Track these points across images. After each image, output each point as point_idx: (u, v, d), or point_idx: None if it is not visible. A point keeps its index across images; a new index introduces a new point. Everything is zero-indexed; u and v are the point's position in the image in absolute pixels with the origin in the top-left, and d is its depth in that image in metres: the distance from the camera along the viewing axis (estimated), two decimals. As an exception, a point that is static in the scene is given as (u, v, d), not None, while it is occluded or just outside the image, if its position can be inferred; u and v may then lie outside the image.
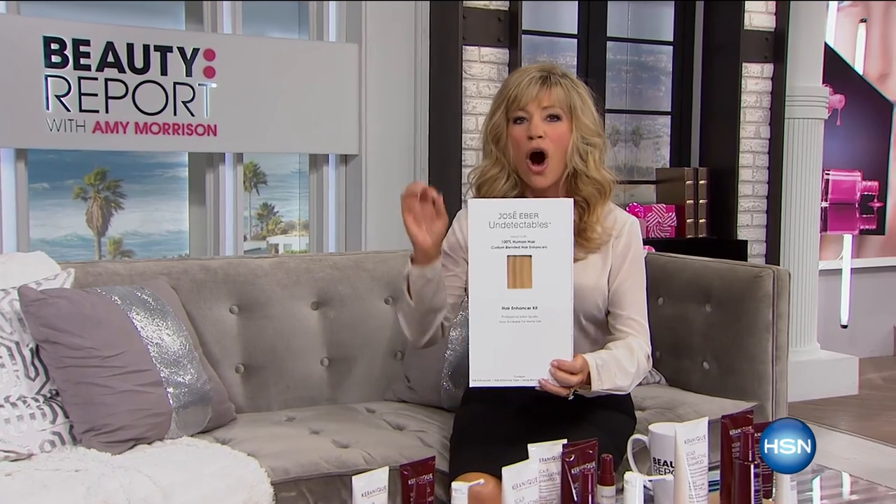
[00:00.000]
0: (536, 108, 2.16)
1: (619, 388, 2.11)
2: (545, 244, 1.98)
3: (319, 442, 2.33)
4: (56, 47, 3.66)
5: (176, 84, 3.89)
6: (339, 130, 4.25)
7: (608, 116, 4.97)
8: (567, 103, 2.18)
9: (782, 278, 2.70)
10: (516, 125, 2.19)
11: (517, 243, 1.98)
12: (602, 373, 2.05)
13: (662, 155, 5.20)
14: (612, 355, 2.11)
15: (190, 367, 2.29)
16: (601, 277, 2.24)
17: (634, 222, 2.30)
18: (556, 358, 1.98)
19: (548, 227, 1.97)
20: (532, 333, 1.98)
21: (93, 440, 2.11)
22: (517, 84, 2.19)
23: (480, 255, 1.98)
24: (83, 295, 2.24)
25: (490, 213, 1.98)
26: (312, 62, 4.17)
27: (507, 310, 1.98)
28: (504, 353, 1.98)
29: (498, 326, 1.98)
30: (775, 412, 2.74)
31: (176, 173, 4.35)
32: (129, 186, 4.25)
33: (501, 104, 2.22)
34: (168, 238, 4.39)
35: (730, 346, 2.76)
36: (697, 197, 4.85)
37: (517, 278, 1.98)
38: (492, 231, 1.98)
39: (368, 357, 2.82)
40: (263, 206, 4.58)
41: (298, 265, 2.80)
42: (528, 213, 1.98)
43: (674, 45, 5.10)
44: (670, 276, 2.95)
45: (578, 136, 2.19)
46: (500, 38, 4.32)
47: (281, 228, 4.64)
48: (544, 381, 1.99)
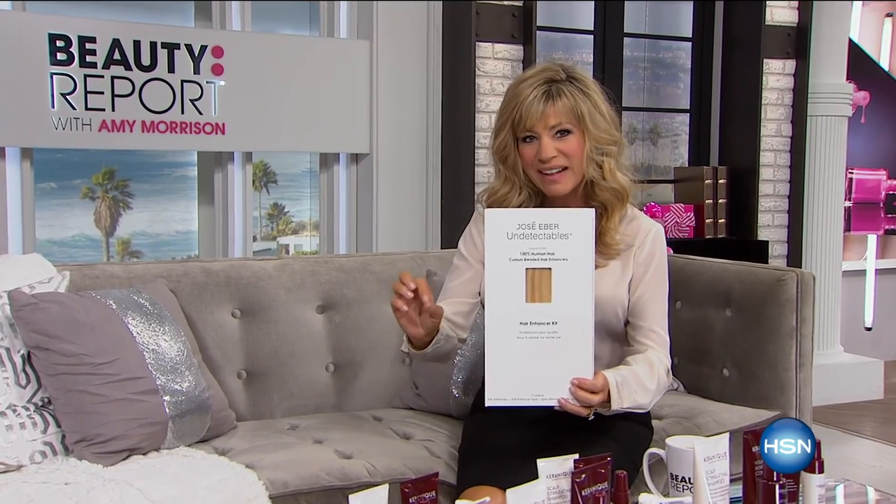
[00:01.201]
0: (543, 127, 2.06)
1: (639, 406, 2.01)
2: (566, 256, 1.88)
3: (322, 452, 2.24)
4: (61, 45, 3.59)
5: (183, 82, 3.82)
6: (349, 129, 4.17)
7: (625, 115, 4.86)
8: (575, 114, 2.07)
9: (806, 282, 2.59)
10: (525, 144, 2.09)
11: (536, 255, 1.88)
12: (622, 391, 1.96)
13: (681, 154, 5.09)
14: (632, 372, 2.02)
15: (188, 374, 2.21)
16: (620, 286, 2.15)
17: (659, 231, 2.21)
18: (577, 376, 1.88)
19: (568, 239, 1.88)
20: (551, 350, 1.88)
21: (85, 451, 2.03)
22: (521, 101, 2.06)
23: (498, 267, 1.88)
24: (76, 299, 2.16)
25: (508, 223, 1.89)
26: (322, 59, 4.08)
27: (526, 325, 1.88)
28: (522, 371, 1.88)
29: (515, 343, 1.88)
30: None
31: (185, 173, 4.28)
32: (138, 186, 4.19)
33: (506, 123, 2.11)
34: (177, 238, 4.32)
35: (751, 353, 2.66)
36: (717, 196, 4.74)
37: (536, 292, 1.88)
38: (509, 242, 1.88)
39: (375, 363, 2.73)
40: (274, 205, 4.51)
41: (303, 267, 2.71)
42: (547, 224, 1.88)
43: (693, 41, 4.99)
44: (688, 278, 2.85)
45: (591, 147, 2.09)
46: (514, 34, 4.23)
47: (291, 229, 4.57)
48: (564, 401, 1.89)
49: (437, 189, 4.26)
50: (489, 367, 1.89)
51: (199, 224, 4.28)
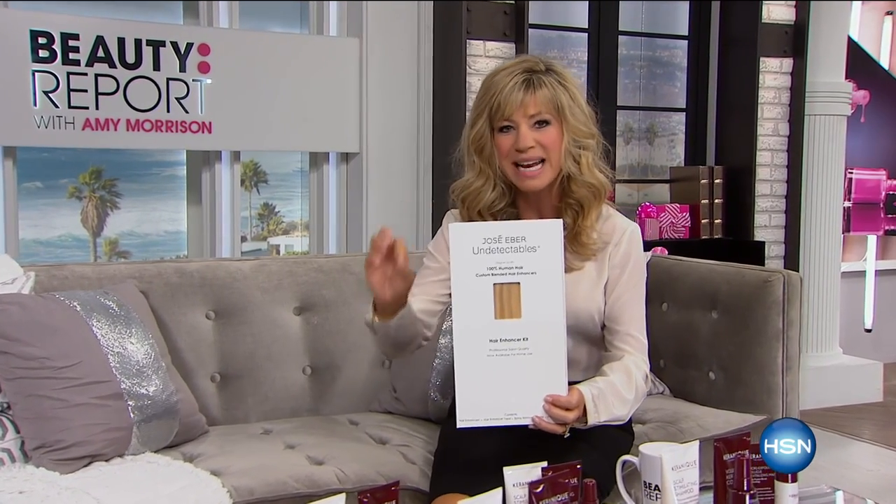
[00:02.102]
0: (522, 116, 1.99)
1: (617, 418, 1.95)
2: (534, 270, 1.81)
3: (293, 458, 2.18)
4: (44, 41, 3.55)
5: (169, 80, 3.77)
6: (338, 128, 4.12)
7: (621, 114, 4.81)
8: (554, 105, 2.01)
9: (793, 283, 2.53)
10: (502, 134, 2.03)
11: (504, 270, 1.81)
12: (599, 404, 1.90)
13: (678, 153, 5.03)
14: (608, 383, 1.96)
15: (154, 378, 2.15)
16: (596, 290, 2.09)
17: (635, 230, 2.15)
18: (550, 393, 1.82)
19: (536, 251, 1.81)
20: (523, 367, 1.81)
21: (43, 458, 1.97)
22: (499, 90, 2.00)
23: (464, 283, 1.81)
24: (39, 301, 2.11)
25: (473, 237, 1.82)
26: (311, 57, 4.03)
27: (496, 342, 1.82)
28: (493, 390, 1.82)
29: (486, 361, 1.81)
30: (786, 426, 2.57)
31: (174, 172, 4.23)
32: (126, 185, 4.14)
33: (483, 112, 2.04)
34: (166, 238, 4.27)
35: (737, 356, 2.60)
36: (713, 196, 4.68)
37: (505, 308, 1.82)
38: (475, 257, 1.81)
39: (354, 365, 2.67)
40: (264, 205, 4.45)
41: (281, 268, 2.66)
42: (514, 237, 1.82)
43: (689, 40, 4.92)
44: (675, 280, 2.79)
45: (570, 139, 2.03)
46: (505, 32, 4.18)
47: (282, 229, 4.51)
48: (538, 419, 1.83)
49: (429, 189, 4.21)
50: (459, 387, 1.83)
51: (188, 224, 4.23)
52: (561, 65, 2.10)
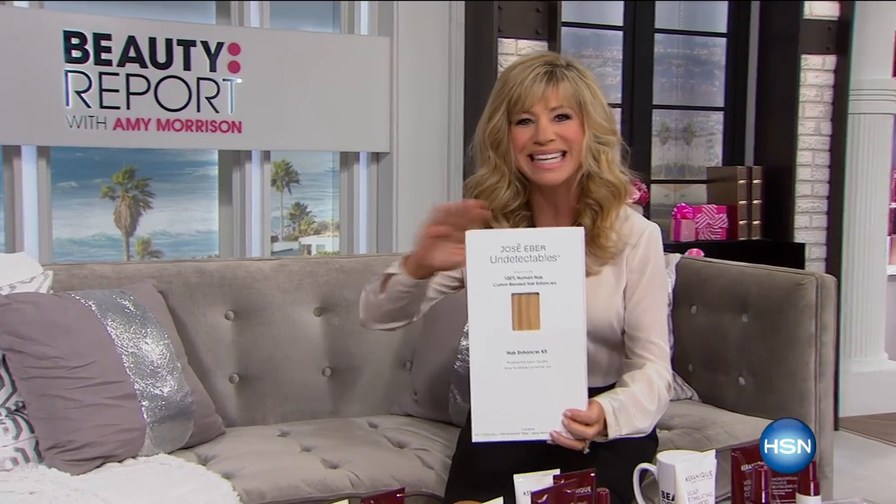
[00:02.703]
0: (543, 109, 1.93)
1: (638, 430, 1.90)
2: (554, 280, 1.75)
3: (307, 461, 2.15)
4: (76, 42, 3.56)
5: (199, 79, 3.77)
6: (369, 127, 4.09)
7: (658, 113, 4.73)
8: (576, 99, 1.95)
9: (827, 286, 2.45)
10: (520, 126, 1.95)
11: (522, 279, 1.76)
12: (620, 417, 1.84)
13: (716, 153, 4.94)
14: (629, 394, 1.90)
15: (169, 379, 2.13)
16: (615, 296, 2.03)
17: (654, 231, 2.07)
18: (570, 407, 1.77)
19: (556, 261, 1.75)
20: (541, 380, 1.76)
21: (56, 458, 1.96)
22: (519, 82, 1.94)
23: (481, 293, 1.76)
24: (54, 300, 2.10)
25: (490, 245, 1.76)
26: (341, 56, 4.01)
27: (513, 354, 1.76)
28: (510, 404, 1.77)
29: (503, 374, 1.76)
30: (819, 435, 2.48)
31: (206, 172, 4.23)
32: (158, 185, 4.15)
33: (501, 105, 1.96)
34: (198, 238, 4.27)
35: (768, 361, 2.51)
36: (751, 197, 4.57)
37: (523, 319, 1.76)
38: (493, 266, 1.75)
39: (374, 367, 2.64)
40: (296, 205, 4.44)
41: (302, 268, 2.63)
42: (533, 246, 1.76)
43: (727, 37, 4.82)
44: (704, 282, 2.71)
45: (591, 135, 1.97)
46: (538, 30, 4.12)
47: (314, 229, 4.49)
48: (557, 434, 1.78)
49: (459, 189, 4.16)
50: (475, 400, 1.77)
51: (219, 224, 4.23)
52: (580, 63, 2.04)
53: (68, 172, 3.94)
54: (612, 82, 4.64)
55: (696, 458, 1.54)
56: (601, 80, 4.62)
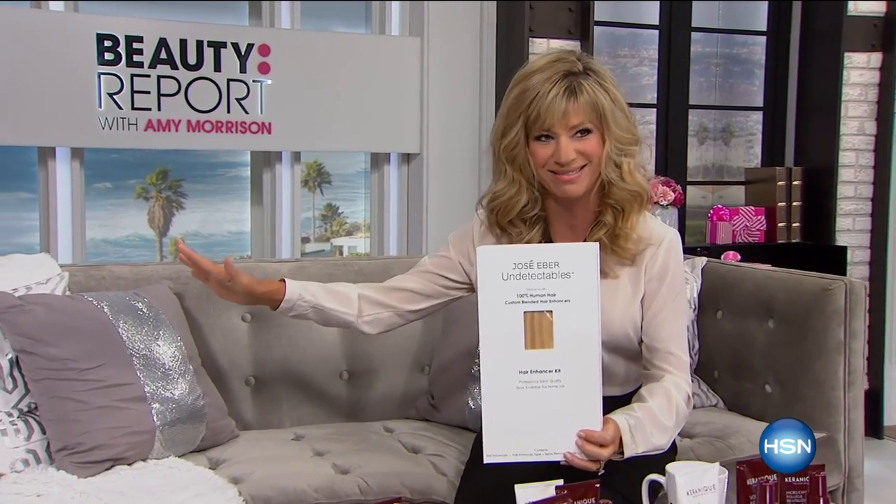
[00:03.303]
0: (564, 128, 1.87)
1: (656, 448, 1.84)
2: (568, 297, 1.71)
3: (318, 466, 2.13)
4: (109, 44, 3.59)
5: (230, 81, 3.78)
6: (399, 128, 4.07)
7: (696, 113, 4.64)
8: (596, 111, 1.88)
9: (856, 291, 2.37)
10: (539, 142, 1.89)
11: (535, 297, 1.71)
12: (636, 435, 1.79)
13: (756, 154, 4.84)
14: (647, 410, 1.84)
15: (181, 381, 2.13)
16: (632, 305, 1.97)
17: (673, 239, 2.01)
18: (584, 428, 1.72)
19: (570, 278, 1.71)
20: (555, 401, 1.72)
21: (65, 460, 1.96)
22: (538, 97, 1.85)
23: (493, 311, 1.72)
24: (66, 302, 2.10)
25: (503, 262, 1.72)
26: (372, 57, 3.99)
27: (526, 374, 1.72)
28: (523, 424, 1.73)
29: (515, 393, 1.72)
30: (848, 446, 2.41)
31: (238, 173, 4.24)
32: (191, 186, 4.17)
33: (518, 120, 1.89)
34: (230, 239, 4.29)
35: (795, 369, 2.44)
36: (790, 199, 4.47)
37: (536, 337, 1.72)
38: (505, 283, 1.71)
39: (392, 371, 2.61)
40: (328, 206, 4.43)
41: (320, 270, 2.61)
42: (546, 262, 1.71)
43: (767, 35, 4.72)
44: (730, 286, 2.64)
45: (612, 147, 1.91)
46: (570, 29, 4.06)
47: (346, 230, 4.49)
48: (570, 456, 1.73)
49: (490, 190, 4.12)
50: (486, 420, 1.73)
51: (251, 225, 4.24)
52: (597, 62, 1.98)
53: (103, 173, 3.97)
54: (648, 82, 4.57)
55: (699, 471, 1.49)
56: (637, 79, 4.57)
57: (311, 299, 2.05)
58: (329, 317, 2.08)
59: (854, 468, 2.42)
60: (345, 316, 2.08)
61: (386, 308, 2.10)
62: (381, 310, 2.10)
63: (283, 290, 2.03)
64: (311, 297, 2.05)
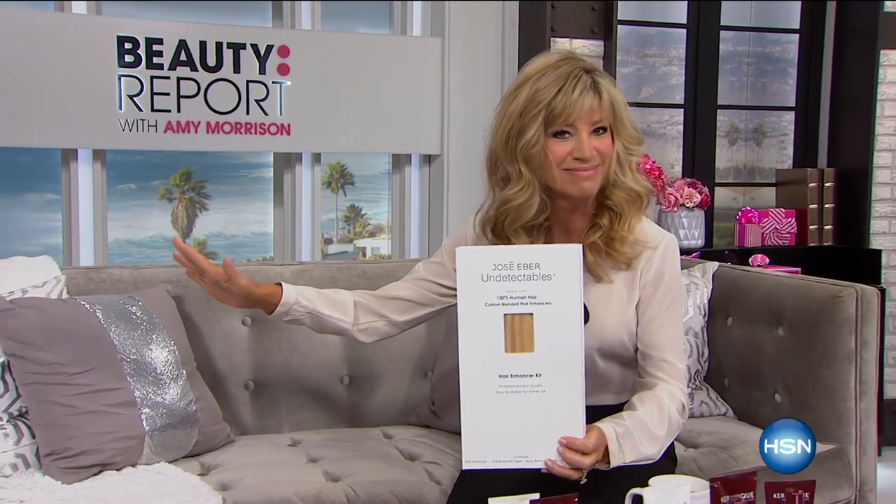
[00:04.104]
0: (586, 123, 1.83)
1: (645, 458, 1.79)
2: (549, 300, 1.67)
3: (309, 473, 2.11)
4: (129, 47, 3.61)
5: (249, 82, 3.79)
6: (420, 129, 4.04)
7: (726, 113, 4.56)
8: (613, 110, 1.86)
9: (868, 299, 2.29)
10: (556, 139, 1.84)
11: (516, 299, 1.68)
12: (624, 444, 1.74)
13: (789, 154, 4.72)
14: (636, 419, 1.80)
15: (173, 386, 2.12)
16: (626, 311, 1.93)
17: (669, 244, 1.95)
18: (565, 434, 1.68)
19: (551, 280, 1.67)
20: (535, 406, 1.68)
21: (52, 465, 1.95)
22: (562, 92, 1.80)
23: (472, 313, 1.68)
24: (58, 305, 2.10)
25: (482, 263, 1.68)
26: (392, 58, 3.97)
27: (506, 378, 1.68)
28: (503, 430, 1.69)
29: (495, 398, 1.68)
30: (860, 458, 2.33)
31: (261, 174, 4.25)
32: (214, 187, 4.18)
33: (537, 117, 1.82)
34: (253, 240, 4.29)
35: (804, 378, 2.37)
36: (822, 201, 4.36)
37: (516, 341, 1.68)
38: (485, 285, 1.68)
39: (394, 376, 2.58)
40: (351, 207, 4.42)
41: (323, 273, 2.59)
42: (527, 264, 1.68)
43: (800, 33, 4.61)
44: (741, 292, 2.57)
45: (621, 146, 1.89)
46: (593, 29, 4.01)
47: (369, 231, 4.47)
48: (551, 463, 1.69)
49: (511, 192, 4.07)
50: (465, 425, 1.70)
51: (274, 226, 4.25)
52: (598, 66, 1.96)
53: (127, 175, 4.00)
54: (677, 82, 4.49)
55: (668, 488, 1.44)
56: (665, 79, 4.49)
57: (308, 304, 2.03)
58: (325, 323, 2.06)
59: (866, 482, 2.34)
60: (340, 323, 2.06)
61: (380, 317, 2.08)
62: (376, 318, 2.08)
63: (279, 293, 2.02)
64: (307, 302, 2.03)
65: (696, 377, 2.58)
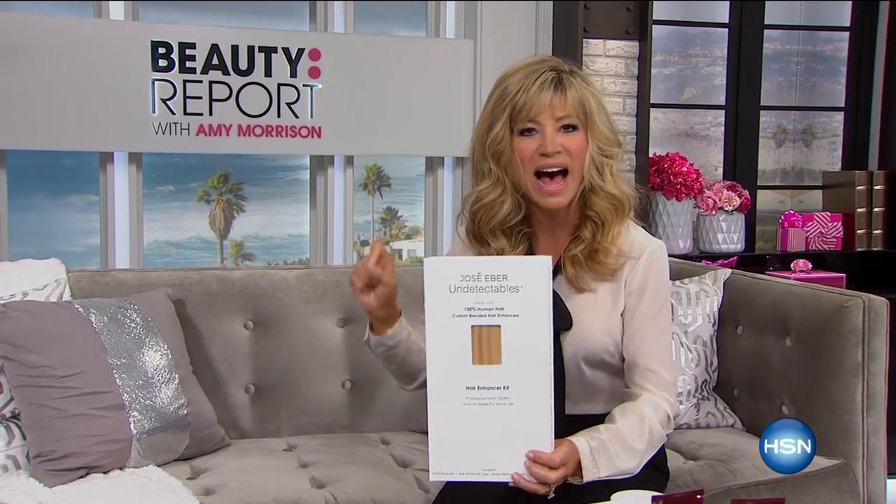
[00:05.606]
0: (549, 118, 1.82)
1: (622, 472, 1.75)
2: (516, 312, 1.64)
3: (295, 479, 2.11)
4: (163, 51, 3.67)
5: (280, 85, 3.81)
6: (452, 131, 4.01)
7: (772, 114, 4.44)
8: (583, 108, 1.84)
9: (876, 310, 2.19)
10: (523, 137, 1.84)
11: (483, 311, 1.65)
12: (599, 458, 1.71)
13: (839, 157, 4.58)
14: (614, 432, 1.76)
15: (163, 389, 2.14)
16: (611, 320, 1.89)
17: (657, 250, 1.91)
18: (533, 448, 1.65)
19: (519, 292, 1.63)
20: (503, 419, 1.65)
21: (38, 467, 1.99)
22: (523, 88, 1.83)
23: (439, 324, 1.66)
24: (50, 309, 2.14)
25: (449, 274, 1.66)
26: (424, 60, 3.96)
27: (473, 390, 1.66)
28: (469, 442, 1.67)
29: (462, 410, 1.66)
30: (868, 474, 2.23)
31: (297, 176, 4.28)
32: (251, 189, 4.23)
33: (503, 113, 1.85)
34: (289, 242, 4.33)
35: (809, 390, 2.28)
36: (872, 204, 4.21)
37: (484, 353, 1.65)
38: (452, 296, 1.65)
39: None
40: (387, 209, 4.43)
41: (327, 278, 2.59)
42: (495, 275, 1.64)
43: (851, 31, 4.46)
44: (750, 301, 2.49)
45: (595, 147, 1.86)
46: (628, 29, 3.93)
47: (405, 233, 4.48)
48: (518, 477, 1.65)
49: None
50: (433, 436, 1.69)
51: (310, 228, 4.28)
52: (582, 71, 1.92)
53: (167, 177, 4.07)
54: (721, 82, 4.38)
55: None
56: (709, 80, 4.39)
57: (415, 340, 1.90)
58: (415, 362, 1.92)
59: (875, 500, 2.25)
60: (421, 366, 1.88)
61: None
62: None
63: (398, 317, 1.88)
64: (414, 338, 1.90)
65: (704, 387, 2.51)
